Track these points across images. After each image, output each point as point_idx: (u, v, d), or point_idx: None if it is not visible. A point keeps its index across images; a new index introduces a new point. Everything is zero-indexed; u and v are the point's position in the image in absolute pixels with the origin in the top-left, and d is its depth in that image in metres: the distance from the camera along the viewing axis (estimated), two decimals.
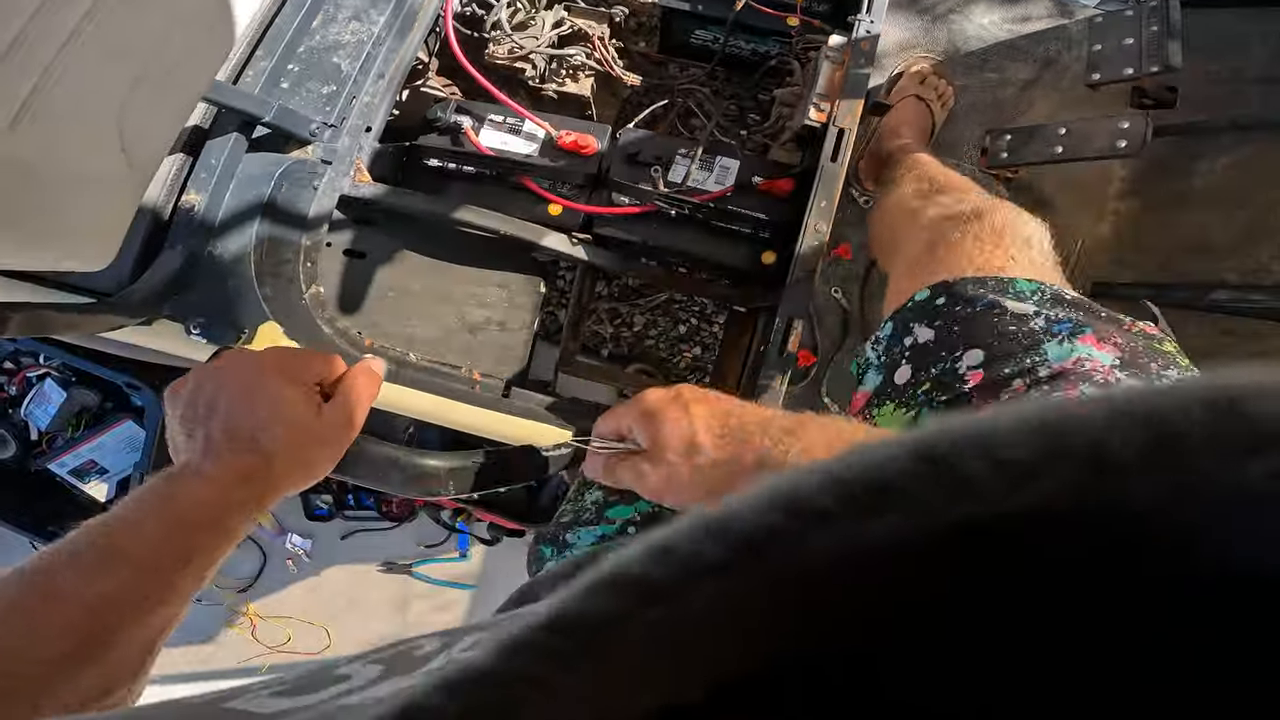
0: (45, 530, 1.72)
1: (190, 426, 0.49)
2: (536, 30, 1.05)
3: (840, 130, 0.87)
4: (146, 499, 0.44)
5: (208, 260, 0.84)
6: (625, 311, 1.28)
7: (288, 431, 0.49)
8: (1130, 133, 1.01)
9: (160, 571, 0.41)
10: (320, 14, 0.86)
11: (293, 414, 0.50)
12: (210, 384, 0.51)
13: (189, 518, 0.44)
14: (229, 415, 0.48)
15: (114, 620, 0.39)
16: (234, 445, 0.47)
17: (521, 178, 0.97)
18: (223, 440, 0.48)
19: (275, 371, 0.51)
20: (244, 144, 0.81)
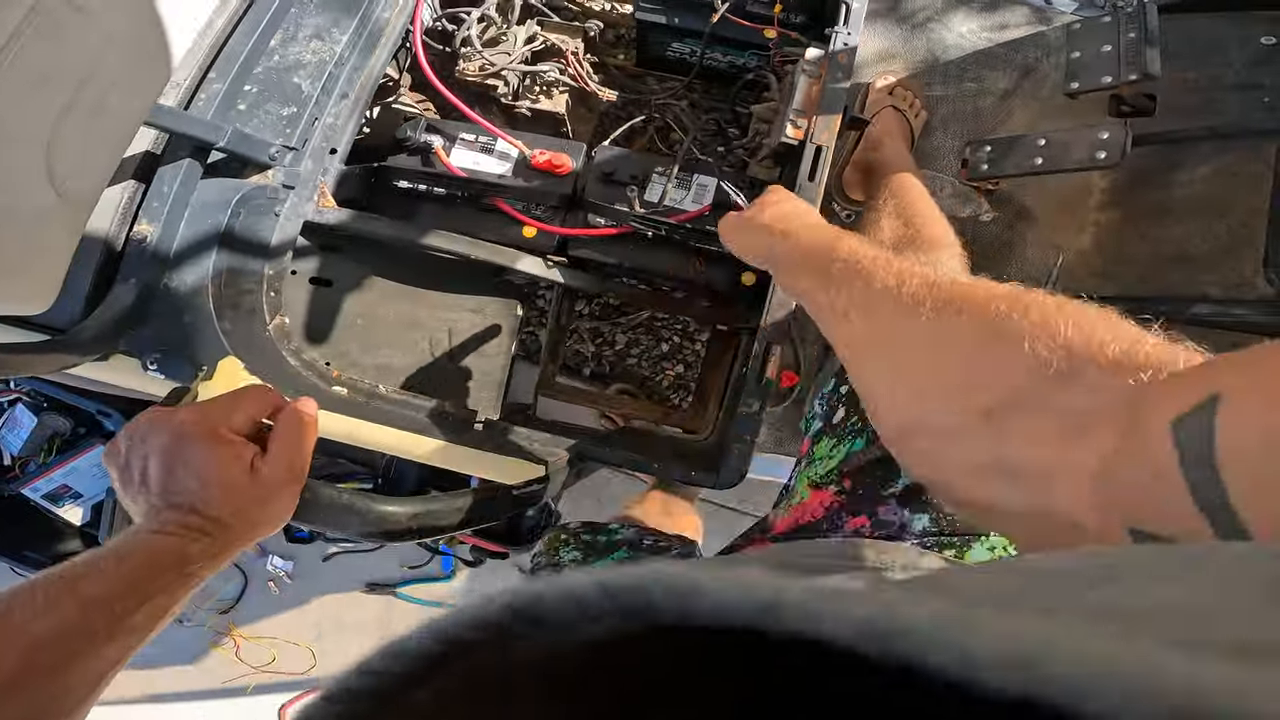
0: (20, 554, 1.67)
1: (131, 492, 0.48)
2: (509, 46, 1.01)
3: (818, 147, 0.83)
4: (104, 549, 0.44)
5: (163, 293, 0.78)
6: (606, 330, 1.24)
7: (224, 494, 0.47)
8: (1110, 143, 0.98)
9: (111, 609, 0.41)
10: (279, 33, 0.81)
11: (224, 476, 0.47)
12: (137, 451, 0.49)
13: (143, 562, 0.44)
14: (162, 486, 0.47)
15: (63, 652, 0.39)
16: (176, 513, 0.46)
17: (494, 199, 0.92)
18: (163, 508, 0.47)
19: (196, 434, 0.48)
20: (198, 170, 0.76)
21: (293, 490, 0.52)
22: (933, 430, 0.32)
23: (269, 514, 0.50)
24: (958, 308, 0.31)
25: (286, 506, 0.52)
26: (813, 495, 0.59)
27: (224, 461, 0.48)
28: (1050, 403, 0.27)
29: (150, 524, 0.46)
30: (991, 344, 0.29)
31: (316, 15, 0.83)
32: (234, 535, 0.48)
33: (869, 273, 0.36)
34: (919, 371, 0.32)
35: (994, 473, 0.29)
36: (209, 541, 0.47)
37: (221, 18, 0.78)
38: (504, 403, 1.05)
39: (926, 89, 1.18)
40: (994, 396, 0.29)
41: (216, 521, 0.47)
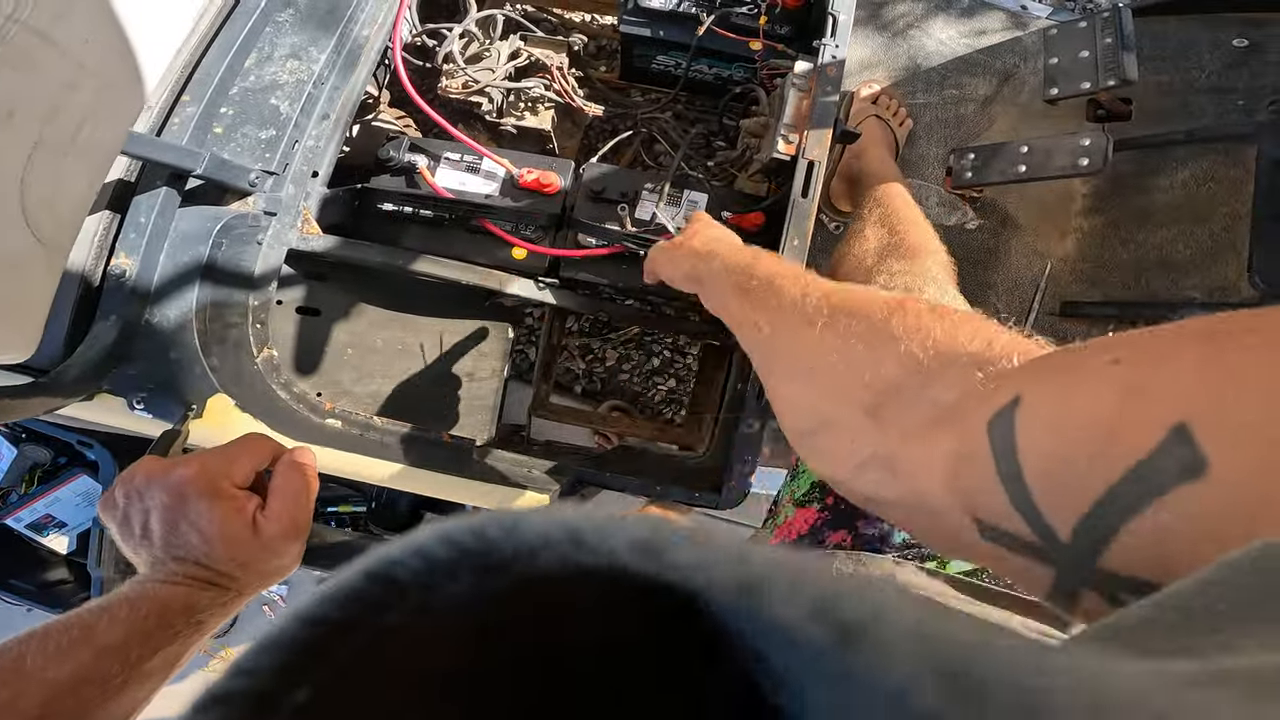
0: (6, 583, 1.60)
1: (132, 544, 0.48)
2: (492, 62, 0.97)
3: (810, 163, 0.81)
4: (115, 597, 0.44)
5: (146, 330, 0.74)
6: (597, 347, 1.21)
7: (228, 549, 0.47)
8: (1092, 150, 0.97)
9: (126, 655, 0.41)
10: (254, 53, 0.77)
11: (227, 532, 0.46)
12: (136, 506, 0.48)
13: (154, 610, 0.43)
14: (165, 542, 0.46)
15: (80, 699, 0.39)
16: (182, 566, 0.46)
17: (482, 220, 0.89)
18: (168, 561, 0.46)
19: (195, 490, 0.46)
20: (176, 199, 0.71)
21: (294, 544, 0.50)
22: (827, 428, 0.33)
23: (275, 566, 0.50)
24: (849, 314, 0.33)
25: (293, 556, 0.51)
26: (798, 514, 0.57)
27: (226, 517, 0.46)
28: (920, 398, 0.28)
29: (157, 574, 0.45)
30: (874, 346, 0.31)
31: (293, 34, 0.79)
32: (242, 585, 0.48)
33: (780, 288, 0.38)
34: (816, 375, 0.34)
35: (874, 465, 0.30)
36: (217, 592, 0.46)
37: (194, 38, 0.73)
38: (498, 425, 1.02)
39: (909, 97, 1.16)
40: (874, 394, 0.30)
41: (223, 574, 0.46)
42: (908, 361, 0.29)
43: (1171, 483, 0.17)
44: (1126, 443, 0.18)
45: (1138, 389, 0.19)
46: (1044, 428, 0.21)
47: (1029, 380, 0.23)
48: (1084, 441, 0.20)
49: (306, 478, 0.52)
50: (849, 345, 0.32)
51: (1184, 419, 0.17)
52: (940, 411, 0.27)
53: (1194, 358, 0.18)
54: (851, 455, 0.31)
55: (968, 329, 0.29)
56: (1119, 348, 0.21)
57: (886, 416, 0.30)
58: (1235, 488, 0.16)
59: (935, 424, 0.27)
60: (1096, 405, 0.20)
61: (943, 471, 0.26)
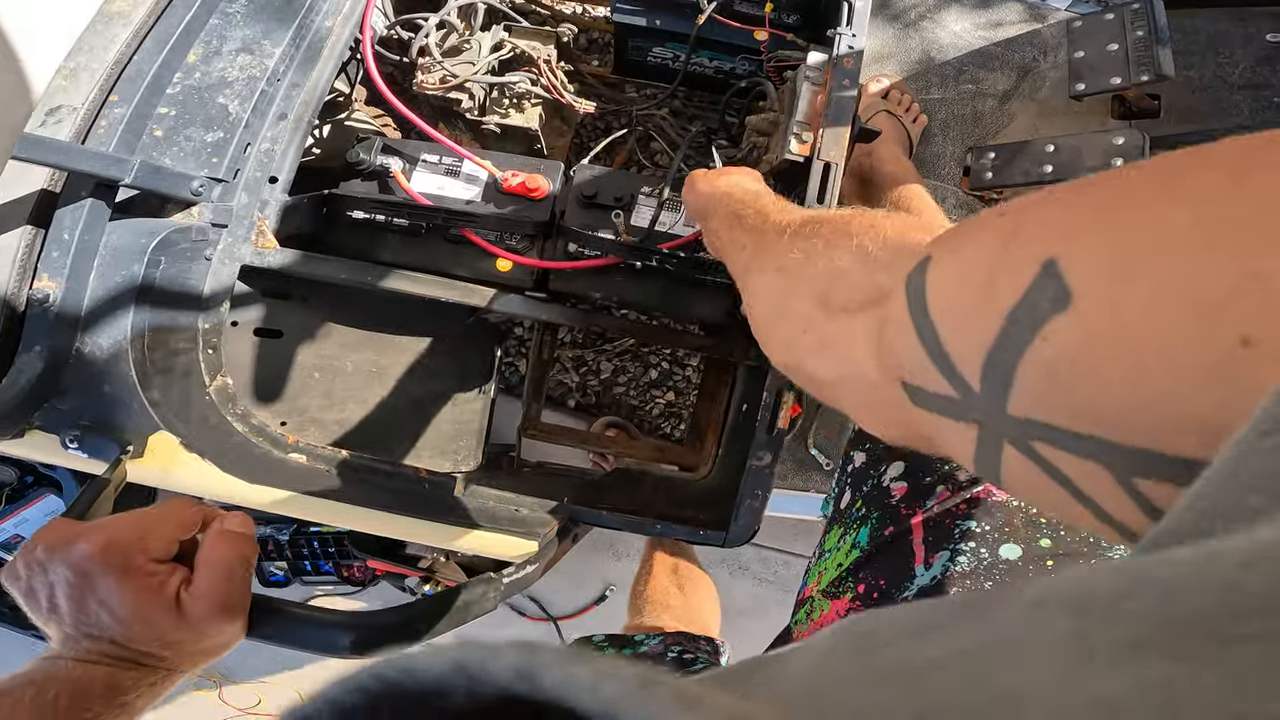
0: None
1: (40, 619, 0.41)
2: (473, 55, 0.86)
3: (826, 164, 0.71)
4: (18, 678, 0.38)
5: (77, 360, 0.64)
6: (591, 359, 1.11)
7: (147, 629, 0.40)
8: (1126, 149, 0.88)
9: None
10: (198, 47, 0.66)
11: (142, 613, 0.40)
12: (39, 579, 0.40)
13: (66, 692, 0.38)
14: (75, 619, 0.40)
15: None
16: (97, 644, 0.40)
17: (463, 229, 0.79)
18: (82, 639, 0.40)
19: (101, 567, 0.39)
20: (104, 211, 0.61)
21: (227, 625, 0.43)
22: (783, 316, 0.35)
23: (208, 646, 0.43)
24: (817, 221, 0.35)
25: (230, 635, 0.44)
26: (831, 607, 0.49)
27: (140, 597, 0.40)
28: (865, 283, 0.30)
29: (70, 650, 0.40)
30: (832, 242, 0.33)
31: (244, 26, 0.68)
32: (173, 664, 0.42)
33: (766, 214, 0.41)
34: (782, 272, 0.36)
35: (820, 346, 0.31)
36: (144, 672, 0.41)
37: (125, 30, 0.63)
38: (485, 447, 0.92)
39: (923, 92, 1.07)
40: (826, 282, 0.32)
41: (146, 654, 0.41)
42: (859, 253, 0.31)
43: (1045, 316, 0.18)
44: (1009, 282, 0.19)
45: (1015, 232, 0.20)
46: (947, 280, 0.22)
47: (939, 241, 0.24)
48: (977, 287, 0.20)
49: (239, 549, 0.44)
50: (811, 244, 0.34)
51: (1052, 255, 0.18)
52: (877, 293, 0.28)
53: (1059, 203, 0.19)
54: (800, 339, 0.33)
55: (919, 226, 0.30)
56: (1005, 205, 0.21)
57: (832, 300, 0.31)
58: (1097, 316, 0.17)
59: (868, 303, 0.28)
60: (984, 252, 0.21)
61: (871, 339, 0.27)
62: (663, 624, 0.84)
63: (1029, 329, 0.18)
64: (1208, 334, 0.14)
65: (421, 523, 0.66)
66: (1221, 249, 0.14)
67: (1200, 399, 0.14)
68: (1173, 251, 0.15)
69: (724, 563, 1.43)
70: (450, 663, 0.10)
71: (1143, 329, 0.15)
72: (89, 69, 0.63)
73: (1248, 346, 0.13)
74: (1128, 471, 0.16)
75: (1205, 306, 0.14)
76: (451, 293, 0.73)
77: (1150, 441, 0.16)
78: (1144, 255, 0.16)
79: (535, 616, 1.50)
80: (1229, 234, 0.14)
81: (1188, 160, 0.16)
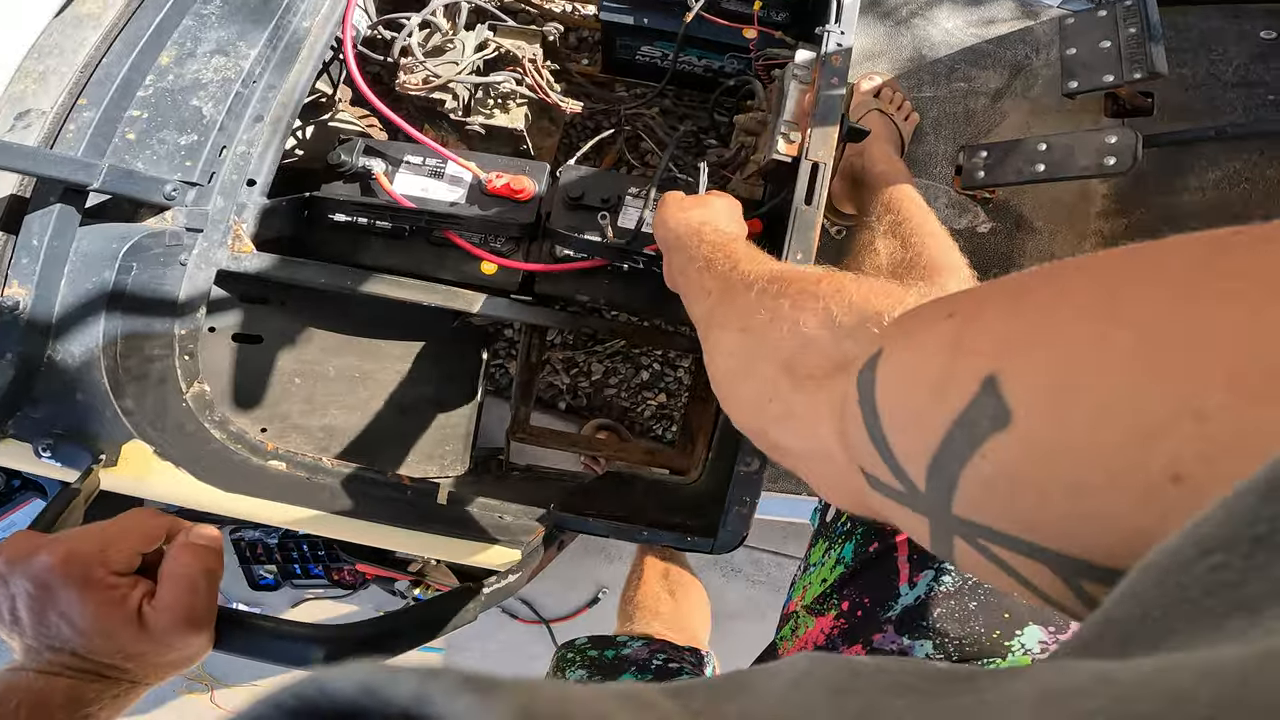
0: None
1: (4, 629, 0.41)
2: (457, 55, 0.84)
3: (814, 164, 0.70)
4: None
5: (49, 368, 0.62)
6: (582, 360, 1.10)
7: (109, 642, 0.40)
8: (1119, 148, 0.86)
9: None
10: (172, 49, 0.64)
11: (103, 626, 0.39)
12: (0, 592, 0.40)
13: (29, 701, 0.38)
14: (36, 631, 0.39)
15: None
16: (59, 656, 0.39)
17: (446, 231, 0.77)
18: (43, 651, 0.40)
19: (61, 579, 0.39)
20: (74, 217, 0.59)
21: (196, 634, 0.42)
22: (747, 377, 0.34)
23: (173, 659, 0.43)
24: (784, 280, 0.34)
25: (195, 648, 0.43)
26: (815, 624, 0.48)
27: (101, 610, 0.39)
28: (830, 351, 0.29)
29: (32, 662, 0.40)
30: (799, 305, 0.32)
31: (218, 28, 0.66)
32: (136, 676, 0.42)
33: (736, 262, 0.40)
34: (746, 331, 0.35)
35: (786, 416, 0.31)
36: (107, 684, 0.40)
37: (95, 33, 0.61)
38: (473, 451, 0.90)
39: (914, 90, 1.05)
40: (791, 348, 0.31)
41: (109, 666, 0.40)
42: (824, 318, 0.30)
43: (985, 434, 0.17)
44: (953, 394, 0.19)
45: (959, 342, 0.19)
46: (895, 379, 0.22)
47: (891, 333, 0.24)
48: (922, 392, 0.20)
49: (204, 562, 0.43)
50: (778, 304, 0.33)
51: (993, 371, 0.18)
52: (842, 363, 0.28)
53: (1001, 311, 0.19)
54: (764, 404, 0.32)
55: (885, 292, 0.30)
56: (954, 302, 0.21)
57: (798, 367, 0.30)
58: (1035, 437, 0.16)
59: (833, 373, 0.28)
60: (929, 357, 0.20)
61: (833, 420, 0.27)
62: (653, 631, 0.83)
63: (969, 445, 0.18)
64: (1142, 461, 0.14)
65: (403, 532, 0.64)
66: (1163, 377, 0.14)
67: (1135, 519, 0.14)
68: (1113, 374, 0.15)
69: (716, 565, 1.41)
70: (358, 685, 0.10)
71: (1082, 449, 0.15)
72: (58, 72, 0.61)
73: (1178, 483, 0.13)
74: (1070, 573, 0.17)
75: (1142, 433, 0.14)
76: (435, 297, 0.71)
77: (1089, 553, 0.16)
78: (1085, 376, 0.15)
79: (527, 619, 1.49)
80: (1172, 361, 0.14)
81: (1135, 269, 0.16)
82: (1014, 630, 0.39)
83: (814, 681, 0.13)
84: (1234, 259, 0.14)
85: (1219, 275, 0.14)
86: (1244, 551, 0.11)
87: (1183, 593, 0.11)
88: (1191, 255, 0.15)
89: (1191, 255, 0.15)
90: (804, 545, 1.14)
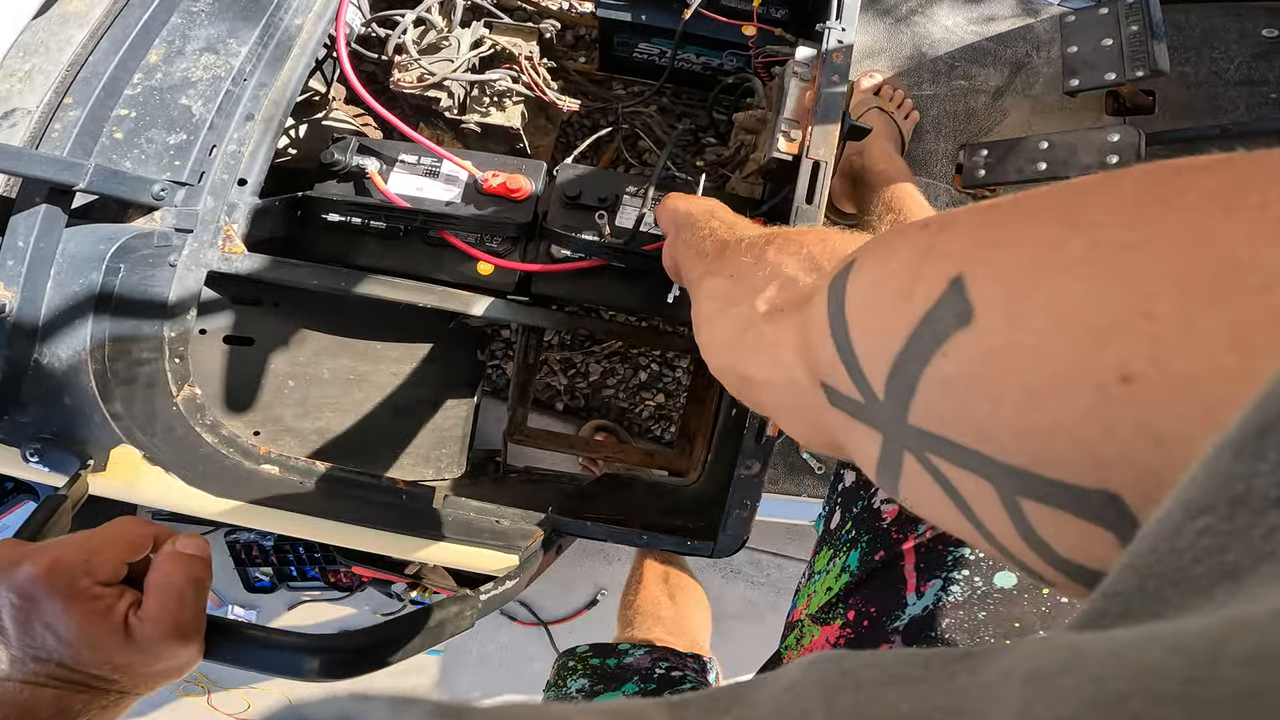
0: None
1: None
2: (452, 52, 0.83)
3: (815, 163, 0.69)
4: None
5: (36, 371, 0.61)
6: (579, 361, 1.08)
7: (95, 654, 0.39)
8: (1122, 146, 0.85)
9: None
10: (160, 47, 0.63)
11: (89, 637, 0.38)
12: None
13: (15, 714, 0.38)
14: (21, 642, 0.39)
15: None
16: (45, 667, 0.39)
17: (442, 231, 0.76)
18: (28, 661, 0.39)
19: (45, 590, 0.38)
20: (60, 218, 0.58)
21: (184, 645, 0.41)
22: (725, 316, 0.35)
23: (162, 669, 0.42)
24: (774, 235, 0.36)
25: (184, 658, 0.42)
26: (821, 633, 0.47)
27: (86, 621, 0.39)
28: (804, 285, 0.30)
29: (18, 672, 0.39)
30: (783, 250, 0.33)
31: (208, 25, 0.65)
32: (125, 687, 0.41)
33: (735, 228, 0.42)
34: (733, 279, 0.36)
35: (755, 345, 0.31)
36: (94, 694, 0.40)
37: (82, 31, 0.59)
38: (470, 453, 0.89)
39: (914, 88, 1.04)
40: (769, 285, 0.32)
41: (96, 677, 0.40)
42: (805, 259, 0.32)
43: (948, 331, 0.18)
44: (920, 295, 0.19)
45: (931, 247, 0.20)
46: (865, 287, 0.22)
47: (865, 248, 0.24)
48: (892, 296, 0.20)
49: (192, 572, 0.42)
50: (764, 250, 0.34)
51: (960, 271, 0.18)
52: (813, 292, 0.28)
53: (973, 221, 0.19)
54: (740, 338, 0.33)
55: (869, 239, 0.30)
56: (932, 216, 0.21)
57: (774, 300, 0.31)
58: (994, 333, 0.17)
59: (804, 301, 0.28)
60: (901, 263, 0.21)
61: (798, 338, 0.27)
62: (653, 637, 0.82)
63: (932, 342, 0.18)
64: (1093, 362, 0.14)
65: (399, 537, 0.63)
66: (1113, 279, 0.14)
67: (1083, 427, 0.14)
68: (1067, 275, 0.15)
69: (715, 567, 1.40)
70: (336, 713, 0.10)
71: (1034, 350, 0.16)
72: (44, 71, 0.60)
73: (1128, 383, 0.14)
74: (1011, 490, 0.17)
75: (1093, 333, 0.14)
76: (430, 298, 0.70)
77: (1033, 463, 0.16)
78: (1040, 276, 0.16)
79: (526, 621, 1.47)
80: (1123, 265, 0.14)
81: (1092, 185, 0.17)
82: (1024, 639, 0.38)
83: (806, 684, 0.13)
84: (1187, 177, 0.14)
85: (1173, 190, 0.14)
86: (1224, 514, 0.10)
87: (1176, 559, 0.11)
88: (1148, 174, 0.15)
89: (1148, 174, 0.15)
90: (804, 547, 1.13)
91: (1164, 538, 0.11)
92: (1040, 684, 0.10)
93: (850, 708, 0.12)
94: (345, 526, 0.64)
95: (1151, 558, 0.11)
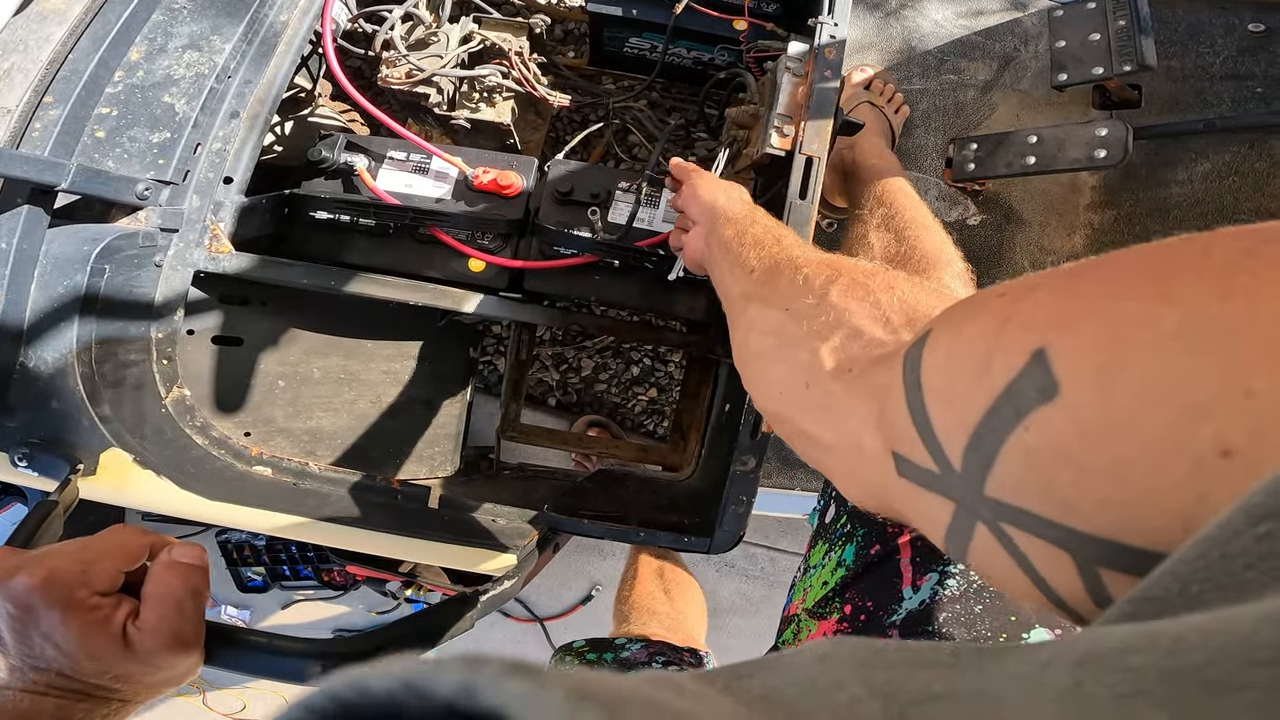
0: None
1: None
2: (440, 48, 0.82)
3: (809, 159, 0.68)
4: None
5: (22, 375, 0.59)
6: (571, 356, 1.08)
7: (94, 664, 0.39)
8: (1110, 140, 0.86)
9: None
10: (141, 44, 0.62)
11: (88, 647, 0.38)
12: None
13: None
14: (19, 652, 0.38)
15: None
16: (44, 676, 0.38)
17: (432, 228, 0.75)
18: (28, 671, 0.39)
19: (43, 601, 0.37)
20: (42, 218, 0.57)
21: (184, 654, 0.41)
22: (783, 360, 0.34)
23: (162, 678, 0.42)
24: (834, 268, 0.34)
25: (184, 667, 0.42)
26: (818, 628, 0.47)
27: (85, 631, 0.38)
28: (875, 345, 0.29)
29: (18, 681, 0.38)
30: (850, 296, 0.32)
31: (190, 22, 0.64)
32: (125, 695, 0.41)
33: (784, 243, 0.41)
34: (791, 316, 0.34)
35: (821, 406, 0.30)
36: (95, 703, 0.40)
37: (61, 29, 0.58)
38: (463, 451, 0.89)
39: (904, 82, 1.04)
40: (838, 338, 0.31)
41: (96, 686, 0.39)
42: (873, 311, 0.30)
43: (1031, 405, 0.18)
44: (1000, 367, 0.19)
45: (1009, 318, 0.20)
46: (942, 356, 0.22)
47: (942, 317, 0.24)
48: (969, 367, 0.20)
49: (189, 582, 0.41)
50: (826, 290, 0.33)
51: (1042, 344, 0.18)
52: (886, 356, 0.28)
53: (1053, 290, 0.19)
54: (797, 389, 0.32)
55: (937, 294, 0.30)
56: (1005, 285, 0.21)
57: (841, 358, 0.30)
58: (1081, 410, 0.17)
59: (875, 364, 0.28)
60: (980, 333, 0.21)
61: (869, 406, 0.27)
62: (650, 632, 0.82)
63: (1014, 416, 0.18)
64: (1190, 436, 0.14)
65: (395, 538, 0.63)
66: (1208, 354, 0.14)
67: (1176, 497, 0.14)
68: (1161, 351, 0.15)
69: (709, 561, 1.41)
70: (398, 681, 0.10)
71: (1127, 424, 0.15)
72: (22, 69, 0.58)
73: (1228, 458, 0.14)
74: (1094, 561, 0.17)
75: (1189, 409, 0.14)
76: (421, 295, 0.69)
77: (1118, 533, 0.16)
78: (1133, 352, 0.16)
79: (521, 617, 1.48)
80: (1216, 341, 0.14)
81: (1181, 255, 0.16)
82: (1020, 633, 0.39)
83: (840, 658, 0.13)
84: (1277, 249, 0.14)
85: (1263, 263, 0.14)
86: None
87: (1227, 563, 0.11)
88: (1237, 244, 0.15)
89: (1237, 244, 0.15)
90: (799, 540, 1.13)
91: (1218, 544, 0.12)
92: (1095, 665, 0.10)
93: (886, 683, 0.12)
94: (341, 528, 0.63)
95: (1199, 563, 0.12)
